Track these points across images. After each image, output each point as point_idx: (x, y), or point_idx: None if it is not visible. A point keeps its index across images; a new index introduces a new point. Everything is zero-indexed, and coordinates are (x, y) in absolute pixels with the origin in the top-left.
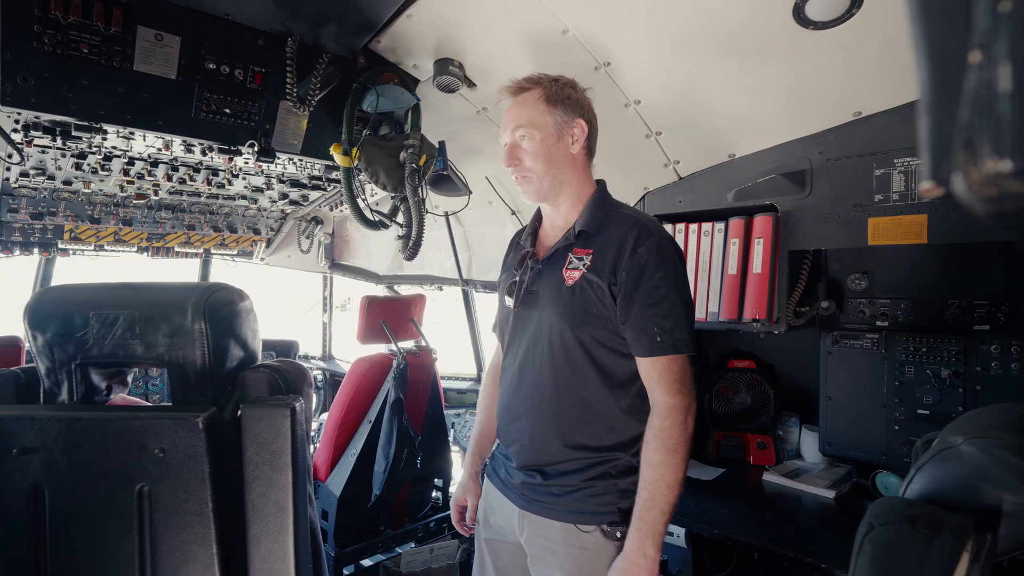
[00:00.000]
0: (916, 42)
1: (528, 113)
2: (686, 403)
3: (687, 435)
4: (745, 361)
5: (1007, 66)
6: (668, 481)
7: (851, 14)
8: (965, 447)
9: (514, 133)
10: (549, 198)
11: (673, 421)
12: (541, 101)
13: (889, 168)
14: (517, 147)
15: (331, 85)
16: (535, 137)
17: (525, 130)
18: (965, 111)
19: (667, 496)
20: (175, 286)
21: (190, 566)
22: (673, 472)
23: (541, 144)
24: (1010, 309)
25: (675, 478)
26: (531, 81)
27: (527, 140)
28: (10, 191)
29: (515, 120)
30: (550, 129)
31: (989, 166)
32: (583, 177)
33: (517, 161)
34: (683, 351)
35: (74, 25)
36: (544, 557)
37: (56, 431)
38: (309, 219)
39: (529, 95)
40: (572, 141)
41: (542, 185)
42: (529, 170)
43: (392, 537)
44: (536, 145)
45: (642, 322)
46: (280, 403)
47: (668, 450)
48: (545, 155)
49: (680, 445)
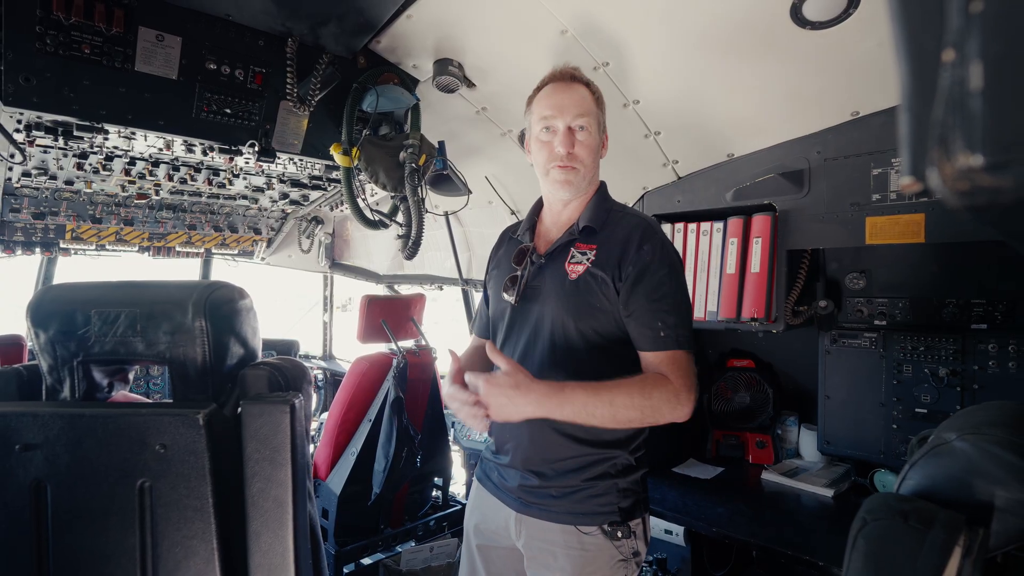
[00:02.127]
0: (896, 42)
1: (588, 106)
2: (689, 397)
3: (661, 415)
4: (744, 360)
5: (978, 64)
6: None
7: (848, 14)
8: (958, 443)
9: (575, 120)
10: (579, 192)
11: (665, 394)
12: (592, 101)
13: (886, 167)
14: (575, 135)
15: (331, 85)
16: (592, 131)
17: (586, 120)
18: (939, 108)
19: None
20: (176, 284)
21: (191, 561)
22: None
23: (595, 141)
24: (1007, 308)
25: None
26: (580, 77)
27: (585, 132)
28: (12, 191)
29: (579, 107)
30: (598, 129)
31: (962, 161)
32: (597, 179)
33: (572, 147)
34: (685, 347)
35: (76, 26)
36: (543, 560)
37: (58, 427)
38: (309, 219)
39: (584, 90)
40: (603, 145)
41: (583, 180)
42: (580, 161)
43: (392, 535)
44: (591, 140)
45: (647, 316)
46: (280, 400)
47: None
48: (595, 151)
49: (649, 412)
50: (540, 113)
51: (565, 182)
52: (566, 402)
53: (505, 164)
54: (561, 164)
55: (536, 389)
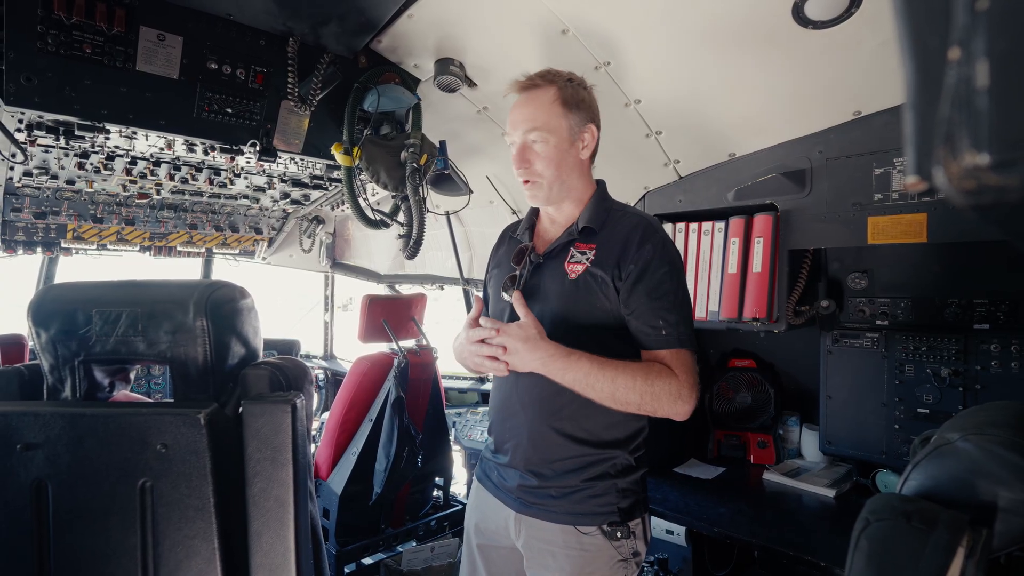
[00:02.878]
0: (901, 40)
1: (543, 115)
2: (691, 394)
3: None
4: (745, 360)
5: (984, 62)
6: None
7: (850, 13)
8: (961, 443)
9: (527, 135)
10: (555, 202)
11: (668, 386)
12: (557, 103)
13: (888, 167)
14: (529, 150)
15: (332, 85)
16: (549, 142)
17: (539, 133)
18: (945, 107)
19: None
20: (177, 283)
21: (192, 561)
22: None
23: (555, 150)
24: (1010, 308)
25: (614, 394)
26: (545, 79)
27: (540, 144)
28: (14, 190)
29: (529, 121)
30: (564, 134)
31: (968, 160)
32: (586, 180)
33: (528, 164)
34: (687, 346)
35: (77, 25)
36: (543, 560)
37: (59, 427)
38: (311, 218)
39: (543, 94)
40: (583, 147)
41: (551, 192)
42: (539, 175)
43: (393, 535)
44: (550, 150)
45: (648, 315)
46: (281, 399)
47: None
48: (557, 161)
49: (649, 399)
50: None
51: (532, 197)
52: (569, 368)
53: (506, 164)
54: (523, 179)
55: (544, 348)
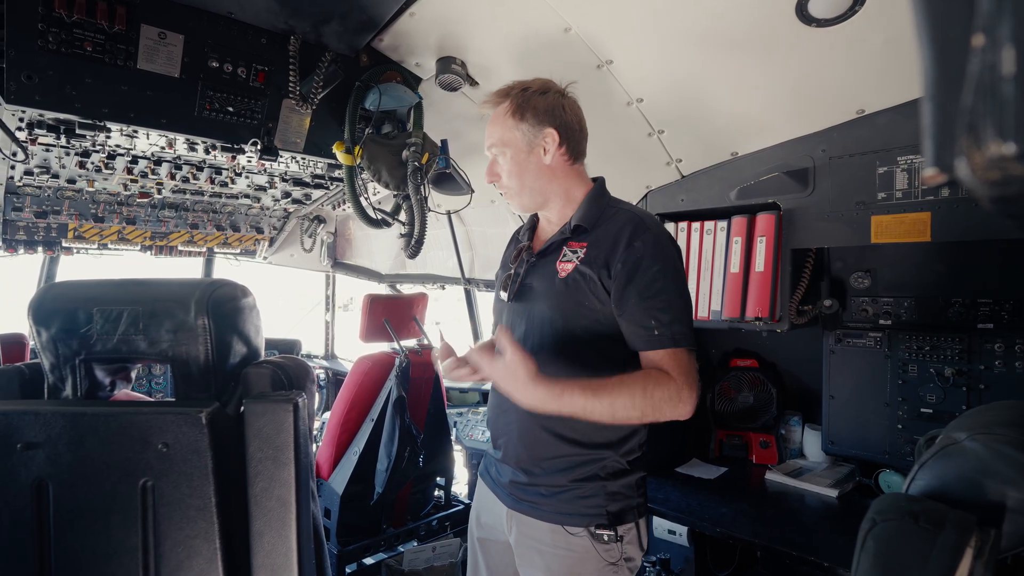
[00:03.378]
0: (919, 30)
1: (498, 130)
2: (691, 395)
3: (662, 413)
4: (748, 360)
5: (1011, 49)
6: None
7: (854, 11)
8: (968, 443)
9: (489, 150)
10: (536, 207)
11: (666, 392)
12: (508, 115)
13: (892, 166)
14: (495, 164)
15: (334, 83)
16: (506, 154)
17: (497, 148)
18: (968, 96)
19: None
20: (178, 282)
21: (193, 561)
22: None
23: (513, 161)
24: (1014, 307)
25: (614, 416)
26: (501, 94)
27: (501, 158)
28: (15, 190)
29: (488, 138)
30: (519, 144)
31: (993, 149)
32: (569, 181)
33: (496, 178)
34: (682, 344)
35: (78, 24)
36: (531, 558)
37: (60, 426)
38: (312, 218)
39: (500, 110)
40: (544, 152)
41: (523, 199)
42: (506, 187)
43: (394, 535)
44: (508, 163)
45: (639, 315)
46: (283, 398)
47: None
48: (519, 171)
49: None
50: None
51: (511, 205)
52: (564, 407)
53: None
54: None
55: (534, 391)
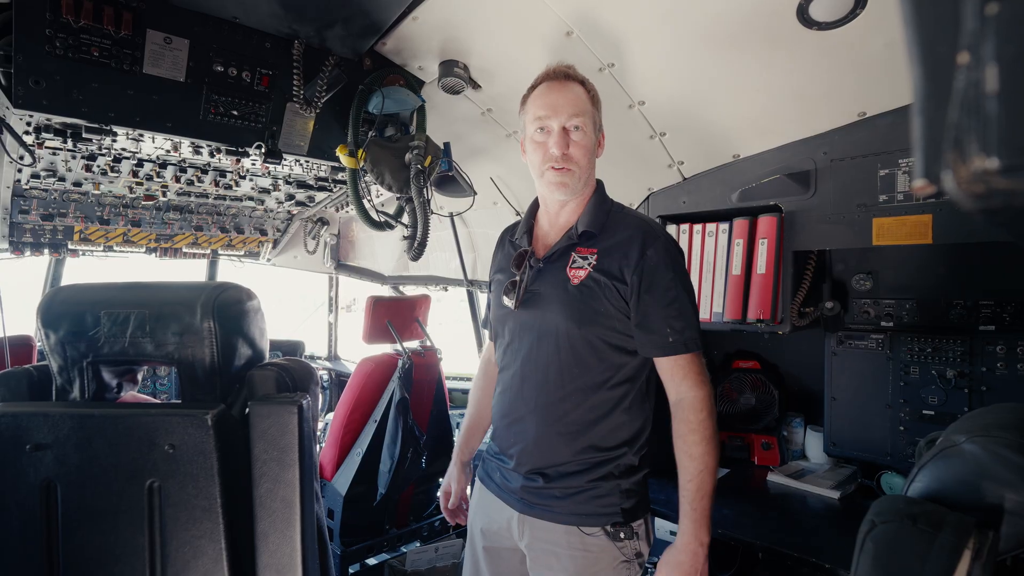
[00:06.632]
0: (909, 45)
1: (583, 105)
2: (710, 393)
3: (716, 423)
4: (749, 362)
5: (994, 67)
6: (711, 468)
7: (855, 14)
8: (967, 445)
9: (570, 120)
10: (574, 194)
11: (707, 412)
12: (588, 99)
13: (893, 168)
14: (568, 135)
15: (337, 87)
16: (587, 131)
17: (582, 120)
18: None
19: (711, 482)
20: (184, 285)
21: (199, 561)
22: (714, 459)
23: (590, 140)
24: (1015, 309)
25: (715, 464)
26: (575, 75)
27: (580, 132)
28: (21, 192)
29: (574, 106)
30: (594, 128)
31: (977, 164)
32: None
33: (567, 148)
34: (694, 349)
35: (85, 29)
36: (547, 561)
37: (68, 427)
38: (315, 220)
39: (579, 88)
40: (599, 145)
41: (579, 181)
42: (575, 163)
43: (397, 536)
44: (587, 140)
45: (656, 324)
46: (288, 400)
47: (707, 440)
48: (590, 151)
49: (715, 434)
50: (534, 113)
51: (560, 184)
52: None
53: (510, 165)
54: (555, 166)
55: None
